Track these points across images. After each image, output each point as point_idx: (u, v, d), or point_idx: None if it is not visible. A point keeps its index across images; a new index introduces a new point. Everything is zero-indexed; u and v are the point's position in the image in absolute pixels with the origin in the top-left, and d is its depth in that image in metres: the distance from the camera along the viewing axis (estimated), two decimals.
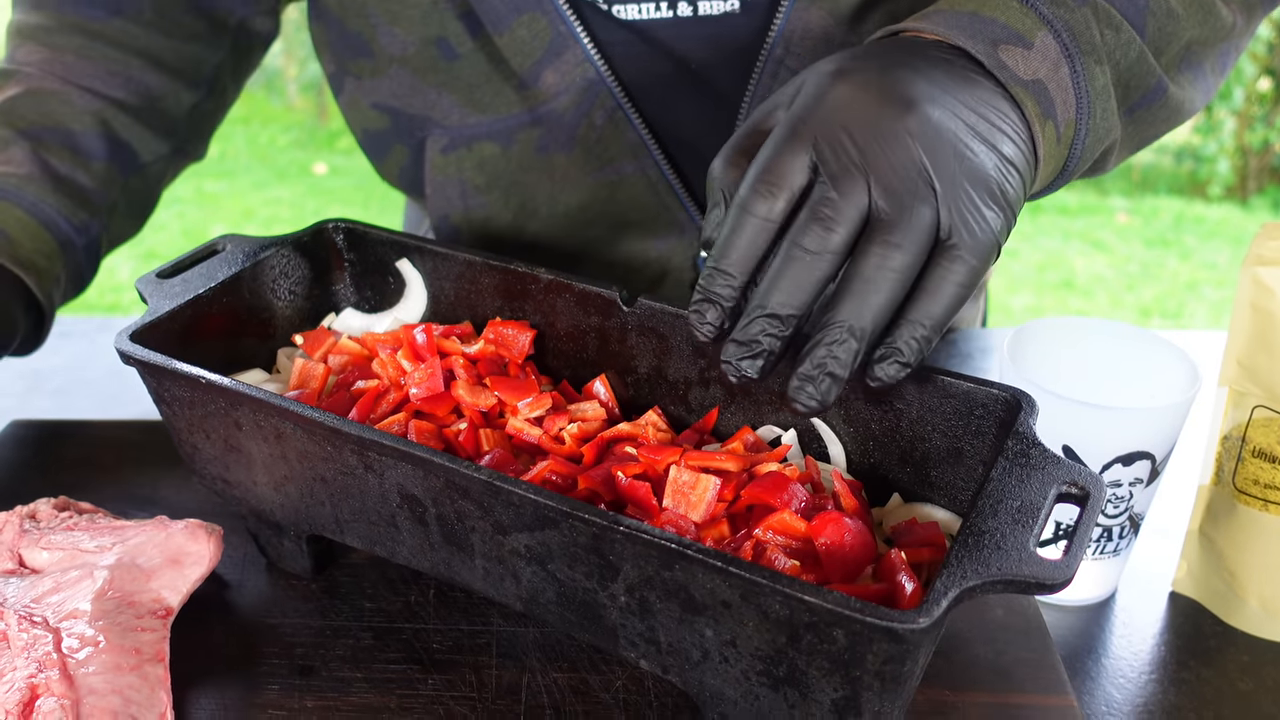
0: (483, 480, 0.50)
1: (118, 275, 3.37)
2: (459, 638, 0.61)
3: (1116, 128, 0.60)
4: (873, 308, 0.49)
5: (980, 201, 0.50)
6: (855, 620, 0.43)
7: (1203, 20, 0.63)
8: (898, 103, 0.51)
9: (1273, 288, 0.60)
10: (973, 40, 0.55)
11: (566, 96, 0.76)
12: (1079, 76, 0.57)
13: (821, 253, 0.49)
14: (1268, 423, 0.62)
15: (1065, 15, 0.57)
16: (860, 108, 0.51)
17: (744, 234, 0.51)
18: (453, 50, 0.77)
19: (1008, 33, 0.55)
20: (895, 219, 0.49)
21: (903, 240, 0.49)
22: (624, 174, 0.80)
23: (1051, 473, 0.49)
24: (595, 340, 0.66)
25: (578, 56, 0.75)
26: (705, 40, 0.75)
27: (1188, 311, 3.30)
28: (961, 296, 0.51)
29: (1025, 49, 0.55)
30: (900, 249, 0.49)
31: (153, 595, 0.59)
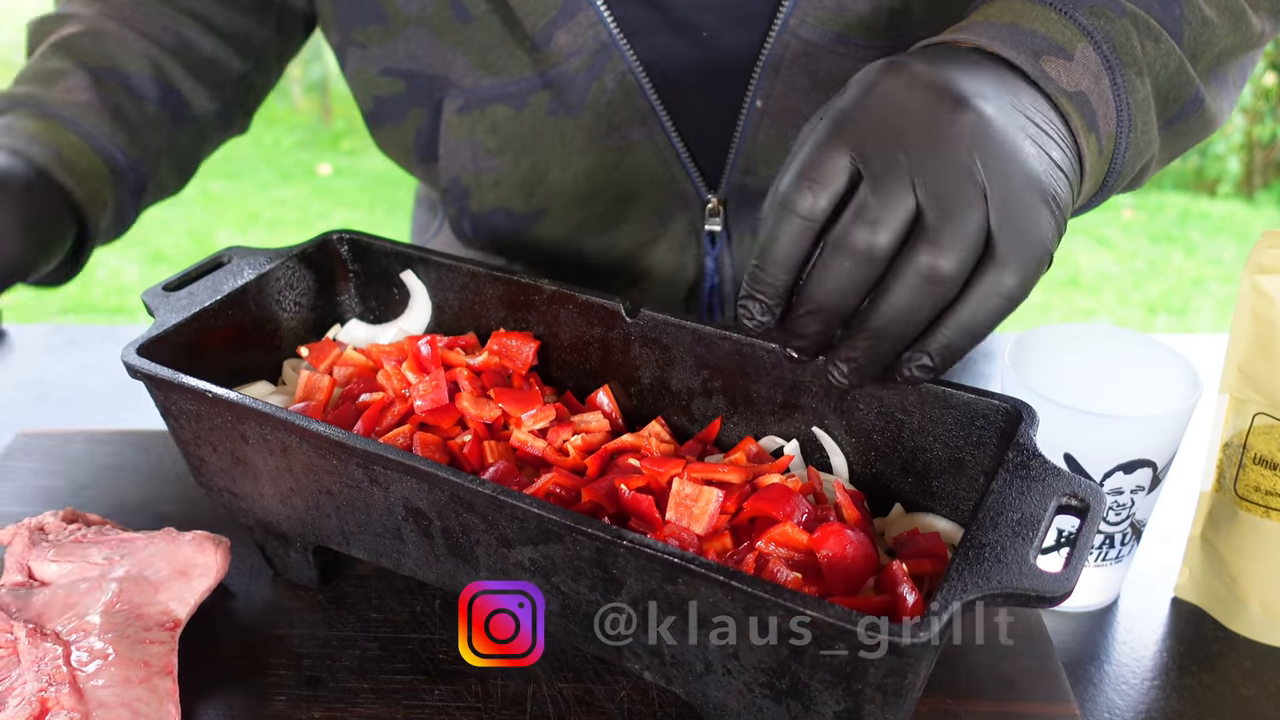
0: (487, 494, 0.50)
1: (123, 276, 3.38)
2: None
3: (1156, 140, 0.59)
4: (913, 316, 0.49)
5: (1032, 206, 0.49)
6: (857, 633, 0.43)
7: (1234, 28, 0.62)
8: (947, 100, 0.50)
9: (1273, 295, 0.60)
10: (1015, 50, 0.54)
11: (578, 58, 0.77)
12: (1119, 89, 0.56)
13: (865, 256, 0.48)
14: (1269, 430, 0.62)
15: (1106, 26, 0.56)
16: (906, 104, 0.50)
17: (786, 232, 0.50)
18: (466, 12, 0.78)
19: (1049, 44, 0.55)
20: (941, 225, 0.47)
21: (949, 247, 0.47)
22: (632, 140, 0.80)
23: (1052, 484, 0.49)
24: (598, 351, 0.66)
25: (590, 18, 0.75)
26: (718, 9, 0.76)
27: (1194, 307, 3.29)
28: (1005, 308, 0.49)
29: (1067, 60, 0.54)
30: (945, 256, 0.47)
31: (161, 607, 0.59)
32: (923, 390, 0.57)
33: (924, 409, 0.57)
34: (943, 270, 0.48)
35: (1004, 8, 0.57)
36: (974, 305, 0.49)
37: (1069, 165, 0.53)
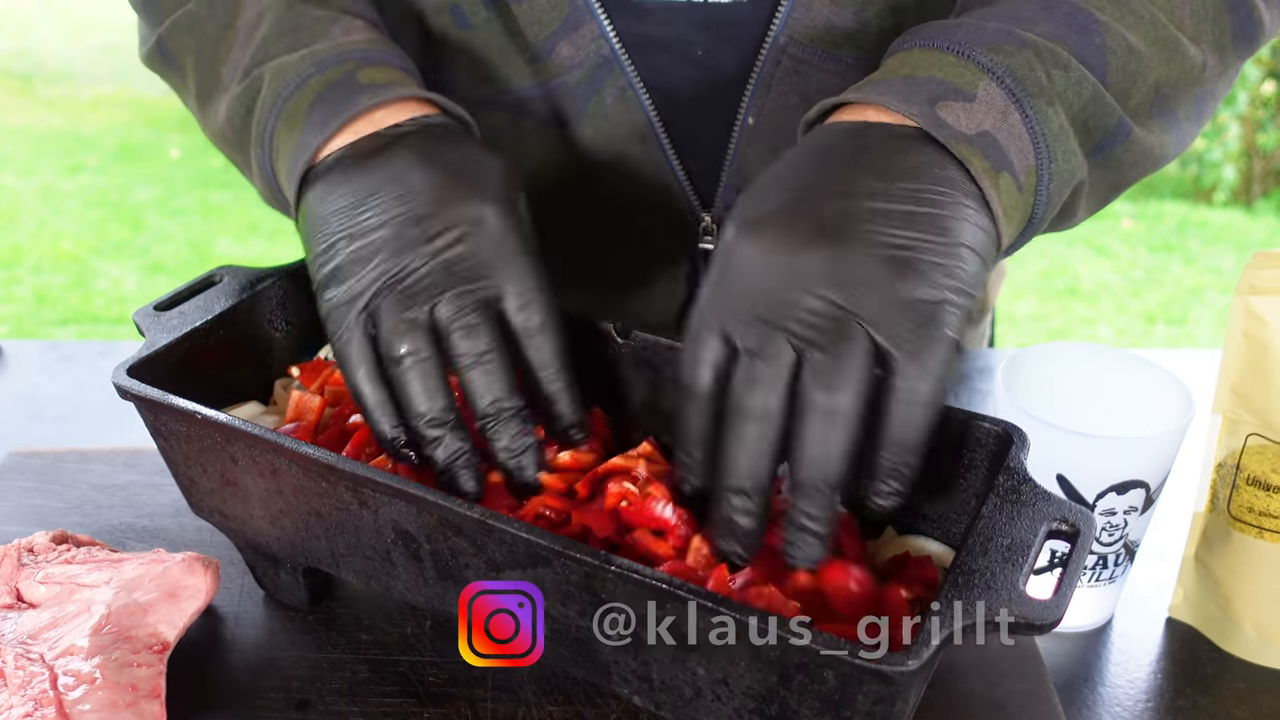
0: (475, 518, 0.50)
1: (124, 286, 3.39)
2: (455, 670, 0.61)
3: (1082, 168, 0.58)
4: (833, 455, 0.48)
5: (916, 308, 0.49)
6: (845, 662, 0.43)
7: (1168, 59, 0.60)
8: (802, 250, 0.50)
9: (1265, 317, 0.60)
10: (907, 104, 0.53)
11: (579, 71, 0.77)
12: (1031, 120, 0.55)
13: (760, 414, 0.49)
14: (1261, 450, 0.62)
15: (1005, 61, 0.55)
16: (757, 268, 0.51)
17: (688, 413, 0.52)
18: (465, 19, 0.77)
19: (945, 89, 0.54)
20: (824, 366, 0.48)
21: (839, 384, 0.48)
22: (629, 155, 0.80)
23: (1042, 509, 0.49)
24: (588, 372, 0.66)
25: (593, 32, 0.75)
26: (713, 28, 0.76)
27: (1192, 317, 3.29)
28: (928, 412, 0.49)
29: (967, 102, 0.54)
30: (839, 390, 0.48)
31: (149, 630, 0.59)
32: None
33: None
34: (841, 406, 0.48)
35: (902, 60, 0.57)
36: (897, 423, 0.49)
37: (971, 230, 0.52)
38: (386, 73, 0.65)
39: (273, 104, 0.64)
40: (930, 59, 0.55)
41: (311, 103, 0.63)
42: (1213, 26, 0.62)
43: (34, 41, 5.87)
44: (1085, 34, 0.58)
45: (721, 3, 0.75)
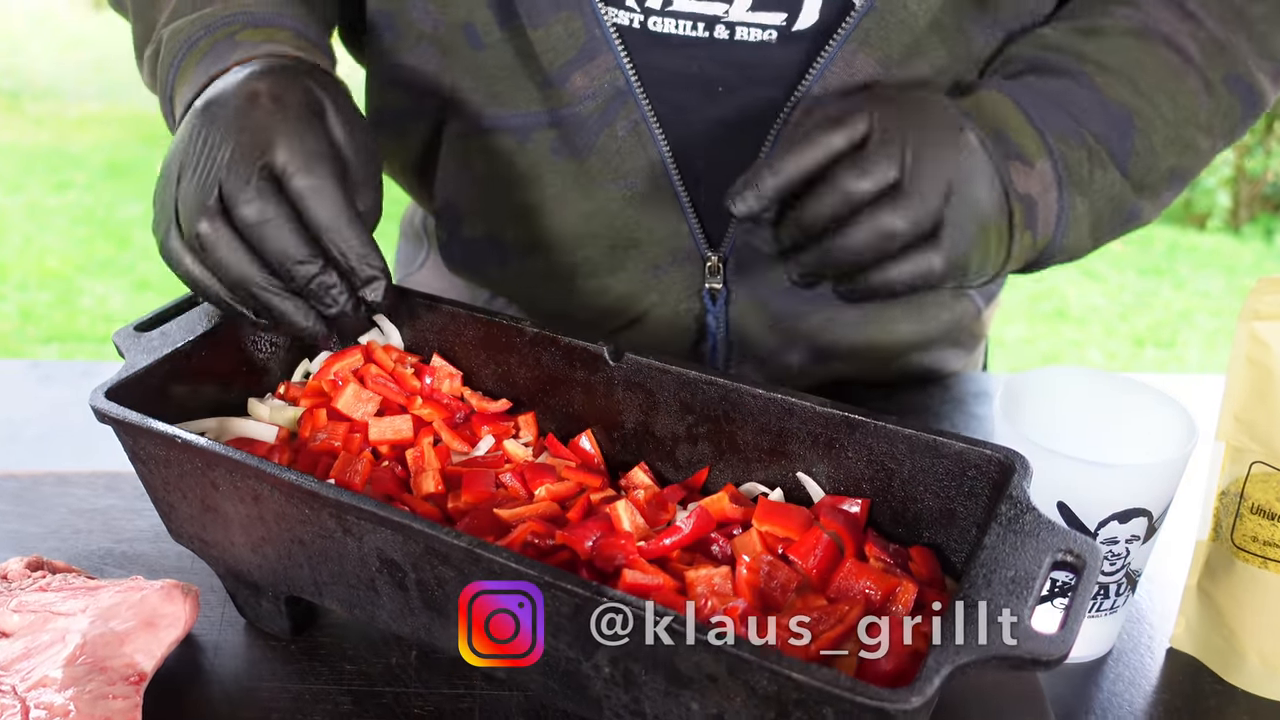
0: (463, 547, 0.49)
1: (110, 304, 3.36)
2: (440, 702, 0.59)
3: (1086, 248, 0.72)
4: (858, 255, 0.61)
5: (975, 228, 0.63)
6: (845, 699, 0.42)
7: (1180, 154, 0.72)
8: (958, 125, 0.64)
9: (1269, 343, 0.59)
10: (995, 149, 0.66)
11: (592, 102, 0.75)
12: (1064, 204, 0.68)
13: (844, 197, 0.60)
14: (1266, 479, 0.61)
15: (1065, 150, 0.68)
16: (929, 109, 0.65)
17: (807, 154, 0.61)
18: (478, 39, 0.76)
19: (1018, 152, 0.66)
20: (909, 199, 0.60)
21: (907, 217, 0.60)
22: (637, 190, 0.78)
23: (1046, 540, 0.48)
24: (581, 395, 0.64)
25: (609, 62, 0.74)
26: (738, 67, 0.74)
27: (1181, 340, 3.29)
28: (922, 282, 0.62)
29: (1028, 168, 0.66)
30: (901, 220, 0.60)
31: (126, 660, 0.57)
32: (913, 439, 0.55)
33: (914, 458, 0.56)
34: (896, 229, 0.60)
35: (996, 108, 0.68)
36: (902, 269, 0.62)
37: (1005, 236, 0.66)
38: (266, 33, 0.69)
39: (169, 65, 0.70)
40: (1016, 122, 0.68)
41: (197, 63, 0.68)
42: (1224, 119, 0.73)
43: (22, 59, 5.85)
44: (1123, 138, 0.70)
45: (749, 42, 0.73)
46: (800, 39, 0.73)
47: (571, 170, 0.79)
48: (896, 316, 0.88)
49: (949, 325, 0.92)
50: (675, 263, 0.81)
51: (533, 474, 0.61)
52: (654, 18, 0.73)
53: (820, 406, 0.57)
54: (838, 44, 0.72)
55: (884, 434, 0.56)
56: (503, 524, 0.57)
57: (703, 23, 0.73)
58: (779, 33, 0.73)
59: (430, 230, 0.96)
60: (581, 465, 0.63)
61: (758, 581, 0.53)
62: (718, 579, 0.52)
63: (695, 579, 0.52)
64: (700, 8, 0.72)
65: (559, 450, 0.65)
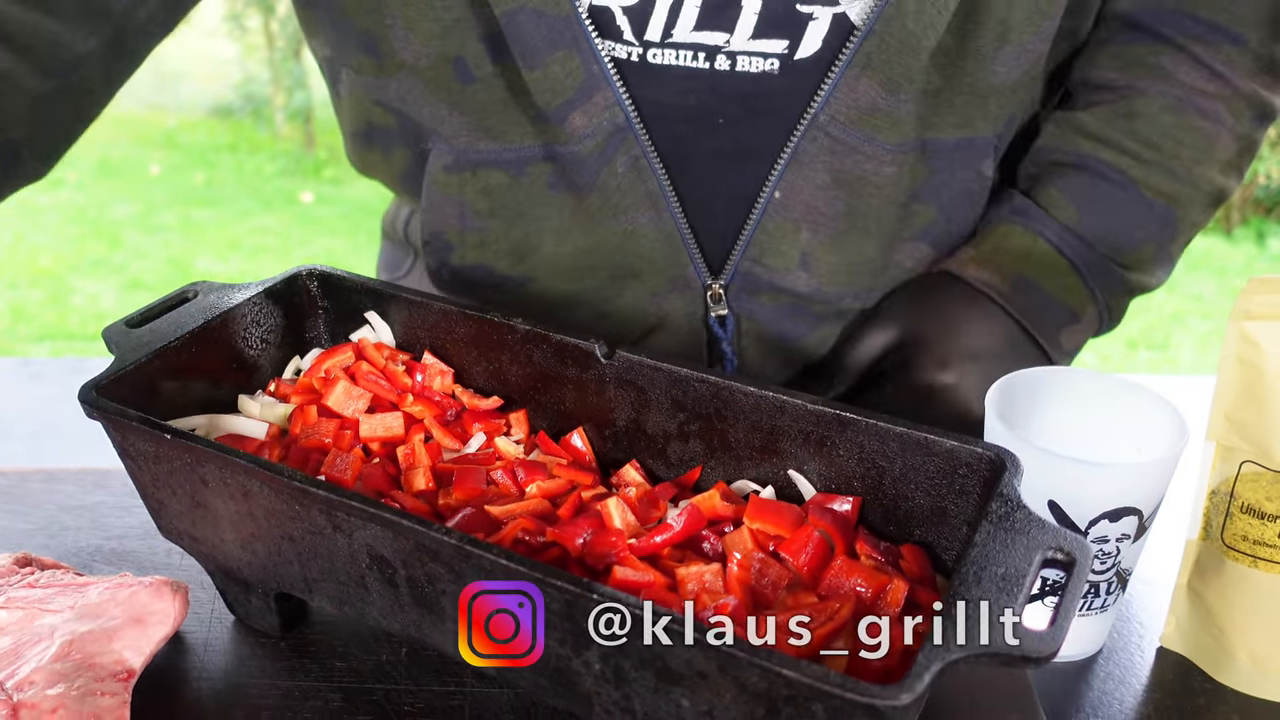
0: (453, 544, 0.48)
1: (101, 303, 3.36)
2: (430, 699, 0.59)
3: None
4: None
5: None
6: (834, 695, 0.42)
7: (1212, 208, 0.80)
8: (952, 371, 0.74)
9: (1260, 342, 0.59)
10: (1042, 328, 0.75)
11: (592, 141, 0.74)
12: (1099, 329, 0.79)
13: None
14: (1256, 478, 0.61)
15: (1112, 303, 0.77)
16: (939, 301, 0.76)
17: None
18: (469, 73, 0.74)
19: (1069, 316, 0.73)
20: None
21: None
22: (638, 224, 0.77)
23: (1037, 537, 0.48)
24: (573, 392, 0.64)
25: (608, 99, 0.72)
26: (739, 99, 0.73)
27: (1174, 343, 3.30)
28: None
29: (1075, 324, 0.74)
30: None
31: (114, 657, 0.57)
32: (904, 437, 0.55)
33: (905, 456, 0.56)
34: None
35: (1052, 268, 0.76)
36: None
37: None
38: None
39: None
40: (1064, 281, 0.76)
41: None
42: (1250, 150, 0.77)
43: None
44: (1165, 229, 0.78)
45: (750, 73, 0.72)
46: (802, 68, 0.72)
47: (570, 205, 0.77)
48: None
49: None
50: (675, 291, 0.81)
51: (524, 471, 0.61)
52: (653, 50, 0.72)
53: (811, 404, 0.57)
54: (840, 69, 0.71)
55: (875, 432, 0.56)
56: (493, 521, 0.57)
57: (704, 53, 0.72)
58: (781, 62, 0.72)
59: (415, 238, 0.92)
60: (573, 463, 0.63)
61: (748, 579, 0.53)
62: (709, 576, 0.52)
63: (686, 576, 0.52)
64: (701, 38, 0.71)
65: (550, 448, 0.64)
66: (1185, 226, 0.78)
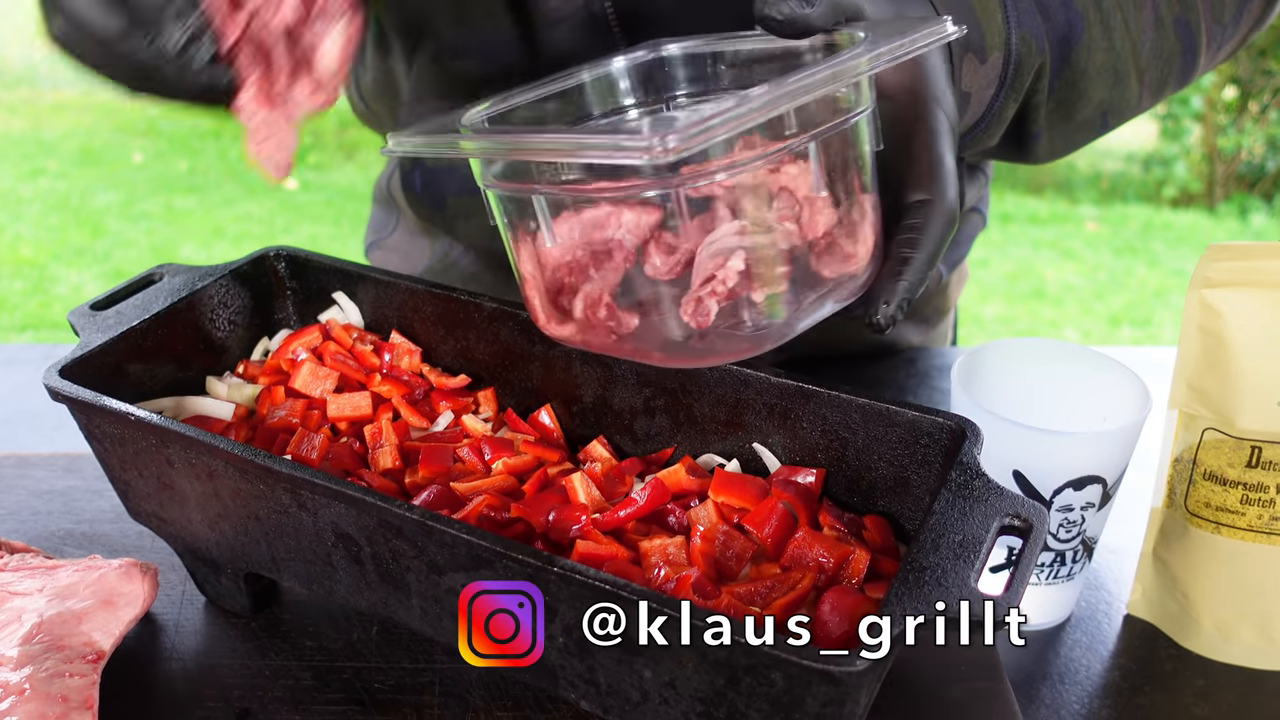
0: (415, 519, 0.49)
1: (85, 292, 3.33)
2: (401, 676, 0.59)
3: (989, 146, 0.67)
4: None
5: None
6: (792, 663, 0.42)
7: (1111, 86, 0.68)
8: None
9: (1220, 310, 0.60)
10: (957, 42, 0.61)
11: (565, 25, 0.74)
12: (995, 104, 0.63)
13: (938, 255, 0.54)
14: (1218, 445, 0.61)
15: (1023, 53, 0.62)
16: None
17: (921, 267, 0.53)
18: None
19: (979, 44, 0.61)
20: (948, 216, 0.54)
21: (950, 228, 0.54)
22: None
23: (994, 504, 0.48)
24: (540, 369, 0.64)
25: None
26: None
27: (1157, 319, 3.31)
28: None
29: (980, 63, 0.61)
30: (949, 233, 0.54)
31: (83, 639, 0.57)
32: (866, 408, 0.56)
33: (868, 427, 0.56)
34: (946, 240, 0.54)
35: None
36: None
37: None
38: None
39: None
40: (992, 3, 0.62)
41: None
42: (1161, 68, 0.70)
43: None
44: (1065, 48, 0.65)
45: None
46: None
47: None
48: None
49: None
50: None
51: (490, 448, 0.61)
52: None
53: (775, 377, 0.58)
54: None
55: (838, 404, 0.57)
56: (459, 498, 0.57)
57: None
58: None
59: (399, 193, 0.97)
60: (541, 439, 0.63)
61: (712, 551, 0.53)
62: (672, 549, 0.53)
63: (650, 549, 0.53)
64: None
65: (519, 425, 0.65)
66: (1080, 68, 0.66)
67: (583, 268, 0.50)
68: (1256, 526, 0.61)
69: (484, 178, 0.51)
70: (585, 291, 0.51)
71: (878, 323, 0.52)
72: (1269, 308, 0.59)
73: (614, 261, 0.50)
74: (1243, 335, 0.59)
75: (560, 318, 0.52)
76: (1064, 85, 0.66)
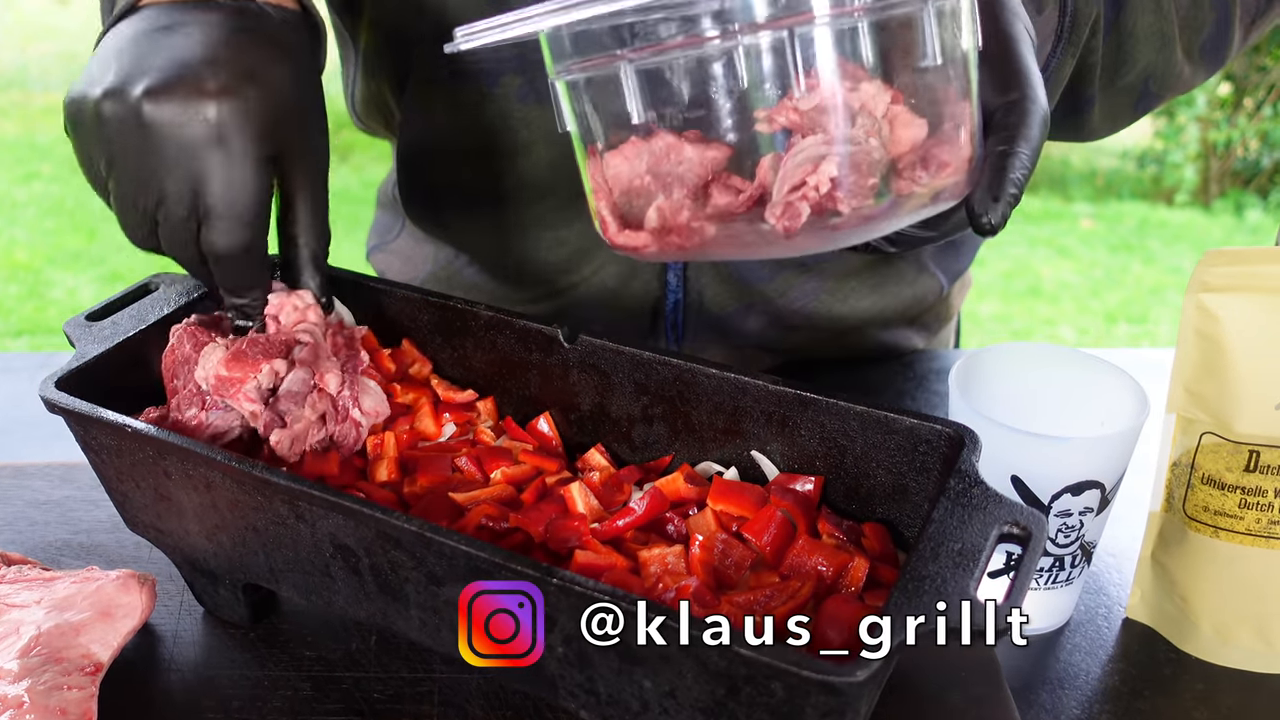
0: (413, 531, 0.49)
1: (80, 297, 3.33)
2: (400, 686, 0.59)
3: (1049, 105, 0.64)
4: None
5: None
6: (792, 673, 0.42)
7: (1158, 49, 0.68)
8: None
9: (1217, 314, 0.60)
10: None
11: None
12: (1053, 59, 0.64)
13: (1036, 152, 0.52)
14: (1216, 449, 0.61)
15: (1081, 5, 0.62)
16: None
17: (1027, 158, 0.51)
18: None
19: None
20: (1040, 117, 0.52)
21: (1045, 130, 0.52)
22: None
23: (993, 512, 0.48)
24: (538, 377, 0.64)
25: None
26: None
27: (1153, 316, 3.32)
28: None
29: (1036, 13, 0.61)
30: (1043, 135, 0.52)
31: (81, 651, 0.57)
32: (864, 415, 0.56)
33: (866, 434, 0.56)
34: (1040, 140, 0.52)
35: None
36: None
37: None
38: None
39: None
40: None
41: None
42: (1193, 36, 0.70)
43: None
44: (1119, 3, 0.65)
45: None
46: None
47: (538, 117, 0.79)
48: (854, 288, 0.88)
49: (909, 302, 0.92)
50: None
51: (489, 458, 0.61)
52: None
53: (773, 385, 0.58)
54: None
55: (836, 411, 0.57)
56: (457, 507, 0.57)
57: None
58: None
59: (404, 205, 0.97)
60: (539, 448, 0.63)
61: (711, 560, 0.53)
62: (671, 558, 0.52)
63: (649, 558, 0.53)
64: None
65: (517, 433, 0.64)
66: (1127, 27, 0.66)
67: (662, 179, 0.49)
68: (1255, 530, 0.61)
69: (556, 64, 0.49)
70: (659, 205, 0.49)
71: (988, 223, 0.49)
72: (1266, 312, 0.59)
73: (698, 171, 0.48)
74: (1240, 340, 0.59)
75: (633, 228, 0.51)
76: (1109, 49, 0.65)
